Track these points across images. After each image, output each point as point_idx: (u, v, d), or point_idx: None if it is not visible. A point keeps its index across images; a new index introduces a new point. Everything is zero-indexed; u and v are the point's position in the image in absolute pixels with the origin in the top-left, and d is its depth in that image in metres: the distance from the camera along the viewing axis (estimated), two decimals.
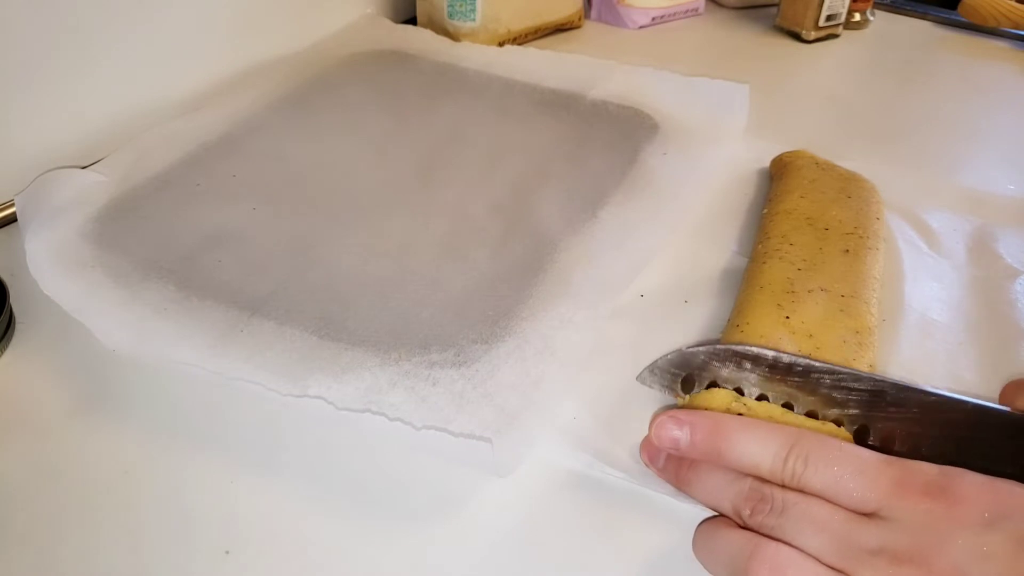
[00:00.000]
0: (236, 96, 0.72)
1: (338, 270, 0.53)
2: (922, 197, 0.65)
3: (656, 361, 0.43)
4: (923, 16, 1.05)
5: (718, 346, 0.42)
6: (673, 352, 0.43)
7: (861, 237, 0.53)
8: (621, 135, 0.68)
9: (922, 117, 0.80)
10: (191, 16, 0.72)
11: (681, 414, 0.40)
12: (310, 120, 0.70)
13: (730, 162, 0.68)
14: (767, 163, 0.67)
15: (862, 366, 0.44)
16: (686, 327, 0.51)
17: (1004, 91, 0.88)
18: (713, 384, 0.43)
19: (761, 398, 0.42)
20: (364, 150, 0.65)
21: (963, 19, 1.01)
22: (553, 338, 0.47)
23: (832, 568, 0.33)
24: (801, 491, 0.36)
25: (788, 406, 0.42)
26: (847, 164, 0.62)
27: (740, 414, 0.42)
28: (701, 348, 0.42)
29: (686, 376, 0.43)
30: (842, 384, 0.40)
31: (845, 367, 0.41)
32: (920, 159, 0.72)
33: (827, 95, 0.84)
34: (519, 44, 0.90)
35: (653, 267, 0.55)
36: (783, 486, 0.36)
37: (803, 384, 0.41)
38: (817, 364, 0.41)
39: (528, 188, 0.61)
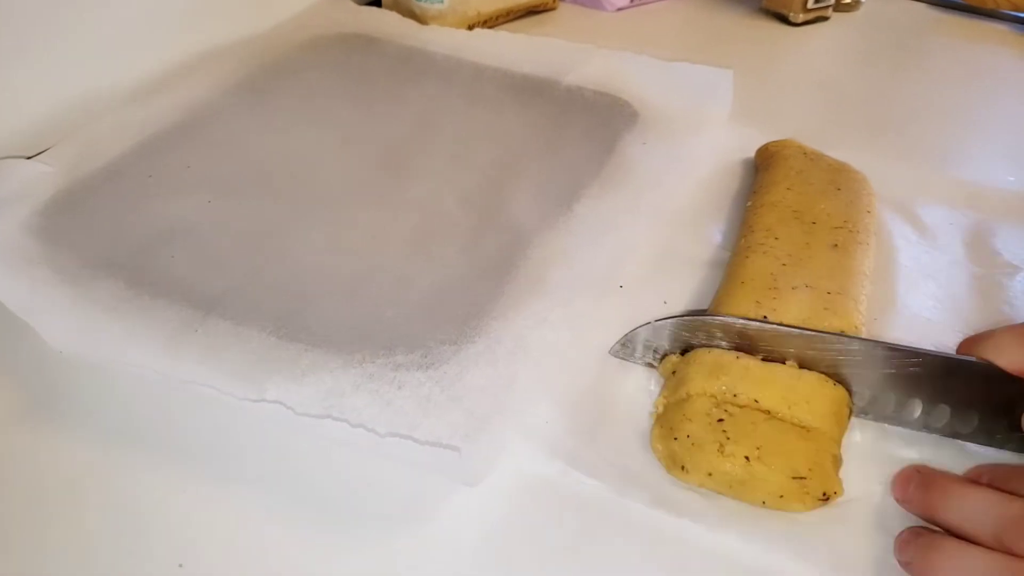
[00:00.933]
0: (191, 82, 0.72)
1: (299, 266, 0.53)
2: (916, 190, 0.65)
3: (627, 335, 0.49)
4: None
5: (685, 317, 0.48)
6: (642, 325, 0.49)
7: (851, 231, 0.54)
8: (598, 123, 0.68)
9: (916, 104, 0.81)
10: None
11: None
12: (269, 107, 0.70)
13: (713, 152, 0.68)
14: (752, 153, 0.67)
15: None
16: (657, 315, 0.51)
17: (1003, 77, 0.88)
18: (687, 349, 0.48)
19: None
20: (327, 139, 0.66)
21: (960, 0, 1.02)
22: (526, 338, 0.47)
23: None
24: None
25: None
26: (836, 154, 0.63)
27: (721, 419, 0.44)
28: (669, 321, 0.48)
29: (657, 346, 0.49)
30: (813, 346, 0.46)
31: (812, 329, 0.46)
32: (914, 149, 0.73)
33: (816, 81, 0.85)
34: (490, 27, 0.90)
35: (632, 261, 0.56)
36: None
37: (772, 351, 0.47)
38: (784, 329, 0.46)
39: (500, 180, 0.61)
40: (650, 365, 0.50)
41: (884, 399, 0.46)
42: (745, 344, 0.47)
